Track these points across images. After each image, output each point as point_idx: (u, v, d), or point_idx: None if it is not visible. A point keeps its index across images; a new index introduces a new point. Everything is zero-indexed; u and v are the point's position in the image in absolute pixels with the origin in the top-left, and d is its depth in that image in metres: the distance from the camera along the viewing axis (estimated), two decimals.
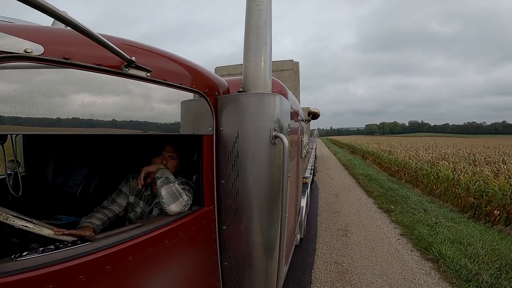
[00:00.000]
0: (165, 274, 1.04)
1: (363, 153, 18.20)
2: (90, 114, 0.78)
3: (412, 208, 5.55)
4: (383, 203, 6.06)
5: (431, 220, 4.80)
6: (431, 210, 5.49)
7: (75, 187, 1.96)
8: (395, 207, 5.69)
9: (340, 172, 11.36)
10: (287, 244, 2.09)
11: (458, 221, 4.86)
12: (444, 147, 17.85)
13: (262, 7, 1.20)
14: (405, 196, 6.62)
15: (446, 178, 6.89)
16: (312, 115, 3.32)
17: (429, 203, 6.18)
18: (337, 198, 6.77)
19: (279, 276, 1.29)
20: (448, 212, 5.48)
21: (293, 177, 2.29)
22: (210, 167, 1.23)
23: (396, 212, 5.34)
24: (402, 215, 5.15)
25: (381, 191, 7.15)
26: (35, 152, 2.13)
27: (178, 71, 1.08)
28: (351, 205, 6.08)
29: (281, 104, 1.22)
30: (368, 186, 7.83)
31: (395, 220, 5.00)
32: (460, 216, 5.26)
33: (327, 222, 4.92)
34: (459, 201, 5.88)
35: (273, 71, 1.38)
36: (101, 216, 1.34)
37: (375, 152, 15.37)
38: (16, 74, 0.65)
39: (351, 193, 7.28)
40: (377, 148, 17.85)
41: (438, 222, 4.72)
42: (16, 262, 0.69)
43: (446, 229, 4.39)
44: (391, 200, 6.24)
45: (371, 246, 3.86)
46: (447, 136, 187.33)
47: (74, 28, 0.64)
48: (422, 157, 10.79)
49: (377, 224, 4.83)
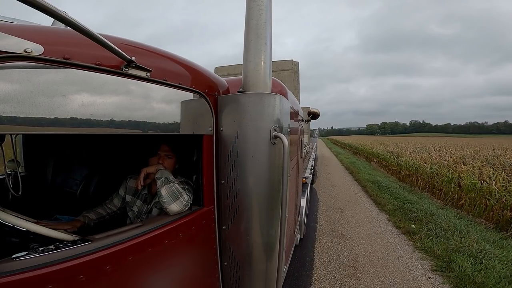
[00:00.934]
0: (165, 274, 1.04)
1: (367, 155, 16.82)
2: (90, 114, 0.78)
3: (442, 229, 4.19)
4: (401, 221, 4.70)
5: (472, 247, 3.48)
6: (465, 229, 4.16)
7: (75, 187, 1.97)
8: (418, 227, 4.32)
9: (344, 178, 9.76)
10: (287, 244, 2.09)
11: (504, 245, 3.65)
12: (457, 148, 15.89)
13: (262, 7, 1.20)
14: (428, 210, 5.12)
15: (472, 186, 5.67)
16: (312, 115, 3.33)
17: (456, 218, 4.85)
18: (341, 213, 5.32)
19: (279, 276, 1.29)
20: (486, 232, 4.19)
21: (293, 177, 2.29)
22: (210, 167, 1.23)
23: (420, 235, 4.01)
24: (429, 239, 3.83)
25: (395, 203, 5.75)
26: (35, 152, 2.13)
27: (178, 71, 1.08)
28: (360, 225, 4.66)
29: (281, 104, 1.22)
30: (378, 197, 6.42)
31: (420, 246, 3.68)
32: (500, 236, 4.05)
33: (329, 253, 3.57)
34: (490, 215, 4.84)
35: (273, 71, 1.38)
36: (100, 211, 1.49)
37: (381, 153, 13.85)
38: (16, 74, 0.65)
39: (359, 206, 5.85)
40: (382, 149, 16.22)
41: (482, 249, 3.44)
42: (16, 262, 0.69)
43: (495, 260, 3.18)
44: (410, 217, 4.83)
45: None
46: (449, 136, 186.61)
47: (74, 28, 0.64)
48: (436, 160, 9.31)
49: (397, 254, 3.50)
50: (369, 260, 3.39)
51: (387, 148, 16.97)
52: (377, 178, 8.85)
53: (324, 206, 5.89)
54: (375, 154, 14.77)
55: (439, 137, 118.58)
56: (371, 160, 14.99)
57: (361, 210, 5.60)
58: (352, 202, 6.22)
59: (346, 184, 8.53)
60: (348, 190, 7.59)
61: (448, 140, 44.83)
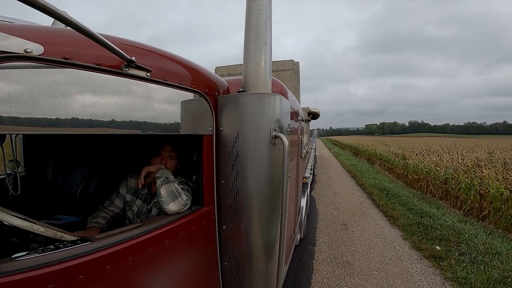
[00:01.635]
0: (165, 274, 1.04)
1: (368, 156, 15.80)
2: (90, 114, 0.78)
3: (478, 252, 3.28)
4: (421, 241, 3.75)
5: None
6: (505, 251, 3.31)
7: (75, 187, 1.96)
8: (445, 249, 3.41)
9: (346, 183, 8.77)
10: (287, 244, 2.09)
11: None
12: (467, 150, 14.26)
13: (262, 7, 1.20)
14: (454, 226, 4.16)
15: (499, 195, 4.82)
16: (312, 115, 3.33)
17: (486, 234, 4.01)
18: (346, 231, 4.34)
19: (279, 276, 1.29)
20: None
21: (293, 177, 2.29)
22: (210, 167, 1.23)
23: (450, 261, 3.12)
24: (462, 267, 2.93)
25: (410, 216, 4.76)
26: (35, 152, 2.13)
27: (178, 71, 1.08)
28: (370, 247, 3.69)
29: (281, 104, 1.22)
30: (388, 208, 5.41)
31: (452, 277, 2.82)
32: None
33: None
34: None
35: (273, 71, 1.38)
36: (104, 215, 1.47)
37: (385, 155, 12.79)
38: (16, 74, 0.65)
39: (366, 221, 4.83)
40: (385, 150, 15.16)
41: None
42: (16, 262, 0.69)
43: None
44: (432, 236, 3.88)
45: None
46: (448, 136, 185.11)
47: (74, 28, 0.64)
48: (449, 163, 8.26)
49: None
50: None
51: (391, 149, 15.93)
52: (383, 184, 7.85)
53: (324, 221, 4.86)
54: (378, 156, 13.87)
55: (438, 137, 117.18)
56: (373, 162, 14.14)
57: (370, 225, 4.61)
58: (358, 215, 5.20)
59: (349, 190, 7.56)
60: (352, 198, 6.65)
61: (448, 140, 43.79)
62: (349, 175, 10.42)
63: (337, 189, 7.75)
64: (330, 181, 9.04)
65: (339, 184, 8.52)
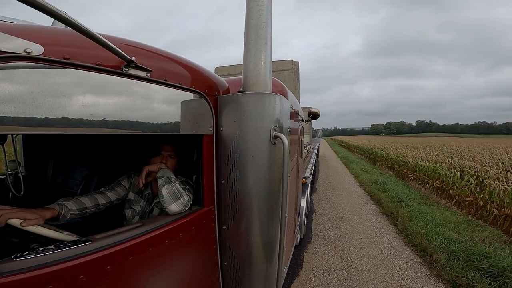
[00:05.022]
0: (165, 274, 1.04)
1: (392, 164, 10.62)
2: (90, 114, 0.78)
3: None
4: None
5: None
6: None
7: (75, 187, 1.97)
8: None
9: (381, 240, 3.78)
10: (287, 244, 2.09)
11: None
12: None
13: (262, 7, 1.20)
14: None
15: None
16: (312, 115, 3.33)
17: None
18: None
19: (279, 276, 1.29)
20: None
21: (293, 177, 2.29)
22: (210, 167, 1.23)
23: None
24: None
25: None
26: (35, 152, 2.13)
27: (178, 71, 1.08)
28: None
29: (281, 104, 1.22)
30: None
31: None
32: None
33: None
34: None
35: (273, 71, 1.38)
36: (84, 201, 1.23)
37: (426, 167, 7.91)
38: (16, 74, 0.65)
39: None
40: (420, 157, 10.10)
41: None
42: (16, 262, 0.69)
43: None
44: None
45: None
46: (458, 136, 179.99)
47: (74, 28, 0.64)
48: None
49: None
50: None
51: (431, 156, 10.49)
52: (471, 246, 3.35)
53: None
54: (410, 167, 8.91)
55: (448, 137, 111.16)
56: (404, 175, 8.89)
57: None
58: None
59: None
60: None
61: (463, 140, 38.25)
62: (379, 210, 5.18)
63: (369, 267, 3.05)
64: (346, 235, 4.02)
65: (366, 250, 3.50)
